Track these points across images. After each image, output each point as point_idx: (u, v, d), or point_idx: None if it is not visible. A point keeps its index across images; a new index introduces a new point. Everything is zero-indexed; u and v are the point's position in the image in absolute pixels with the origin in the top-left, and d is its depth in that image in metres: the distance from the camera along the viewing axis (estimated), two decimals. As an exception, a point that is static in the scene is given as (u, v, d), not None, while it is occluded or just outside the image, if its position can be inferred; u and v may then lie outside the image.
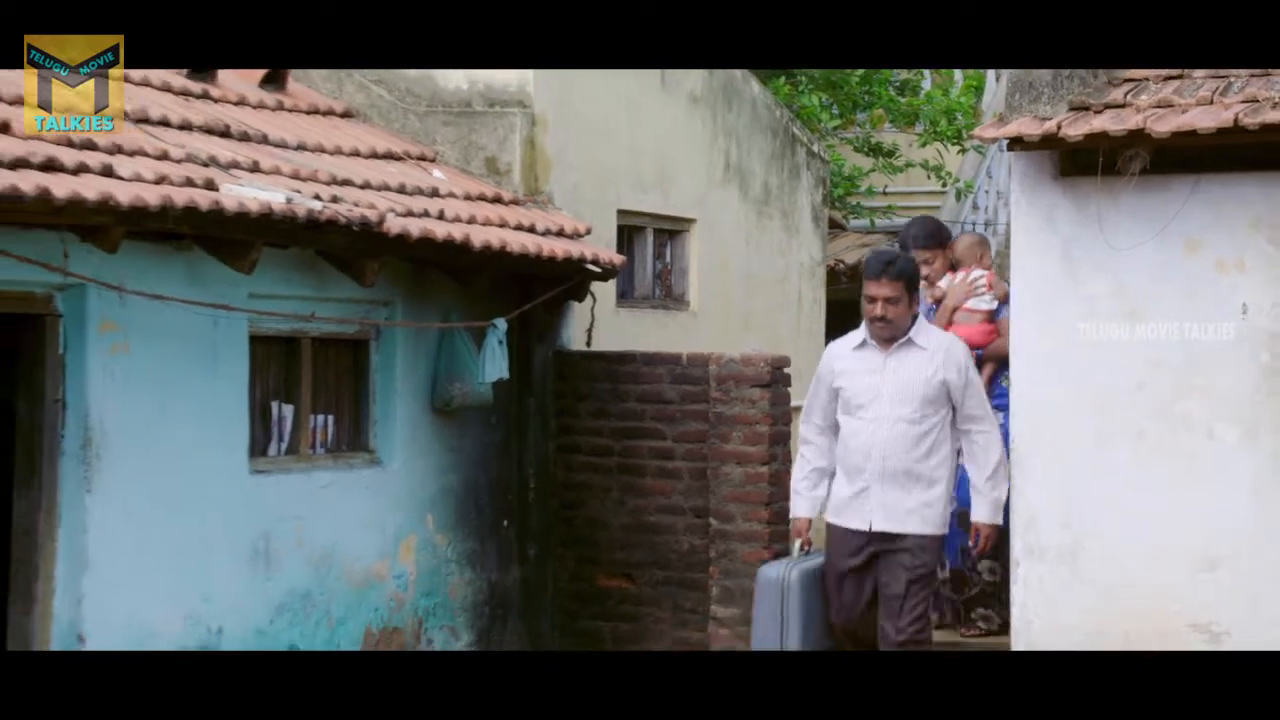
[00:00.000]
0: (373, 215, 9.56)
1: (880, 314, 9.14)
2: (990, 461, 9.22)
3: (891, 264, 9.21)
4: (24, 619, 8.90)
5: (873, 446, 9.18)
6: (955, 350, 9.28)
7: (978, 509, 9.28)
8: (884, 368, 9.23)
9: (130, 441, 9.06)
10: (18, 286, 8.61)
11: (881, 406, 9.19)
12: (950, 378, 9.15)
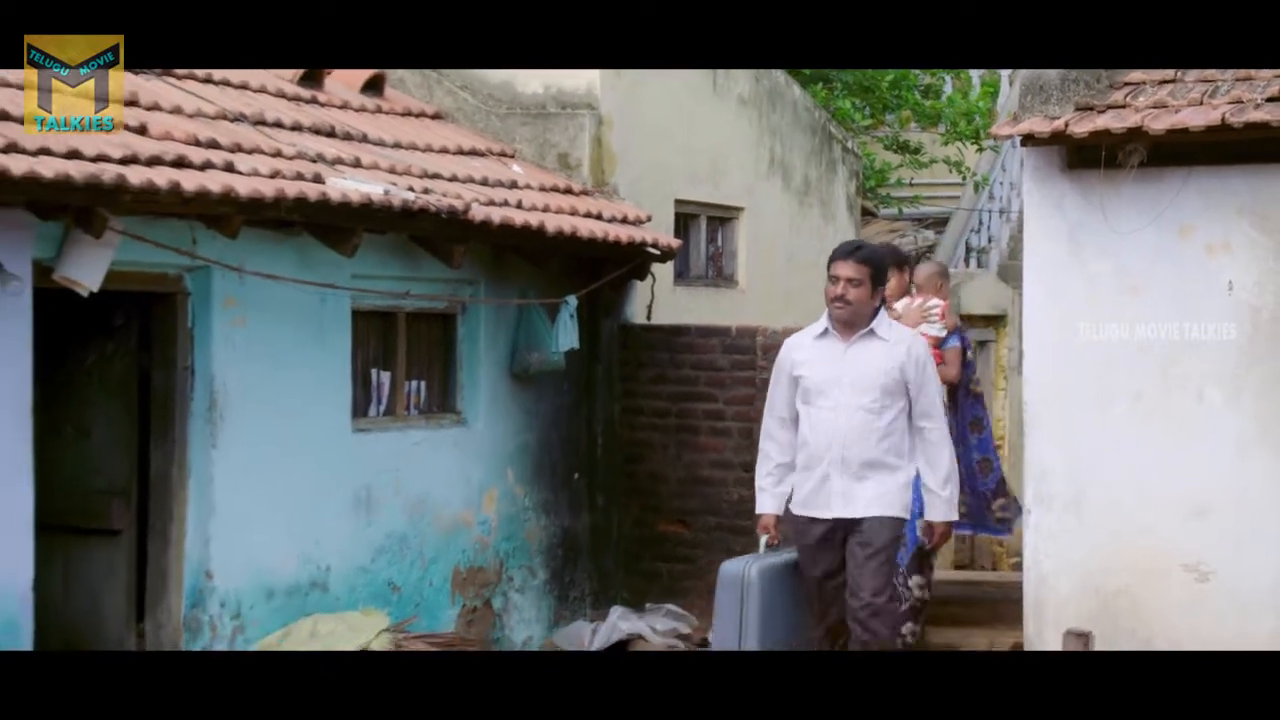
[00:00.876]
0: (459, 205, 9.64)
1: (840, 293, 8.32)
2: (942, 461, 8.43)
3: (859, 249, 8.56)
4: (161, 557, 9.03)
5: (833, 435, 8.36)
6: (916, 346, 8.51)
7: (933, 508, 8.46)
8: (844, 357, 8.40)
9: (249, 403, 9.14)
10: (153, 268, 8.73)
11: (841, 395, 8.37)
12: (909, 370, 8.36)
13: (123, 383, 9.22)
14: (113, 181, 7.71)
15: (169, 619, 9.02)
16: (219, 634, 9.03)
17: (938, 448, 8.42)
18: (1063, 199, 9.13)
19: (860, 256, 8.42)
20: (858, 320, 8.40)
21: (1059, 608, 9.06)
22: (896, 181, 19.73)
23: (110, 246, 8.14)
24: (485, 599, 10.73)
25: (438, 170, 10.31)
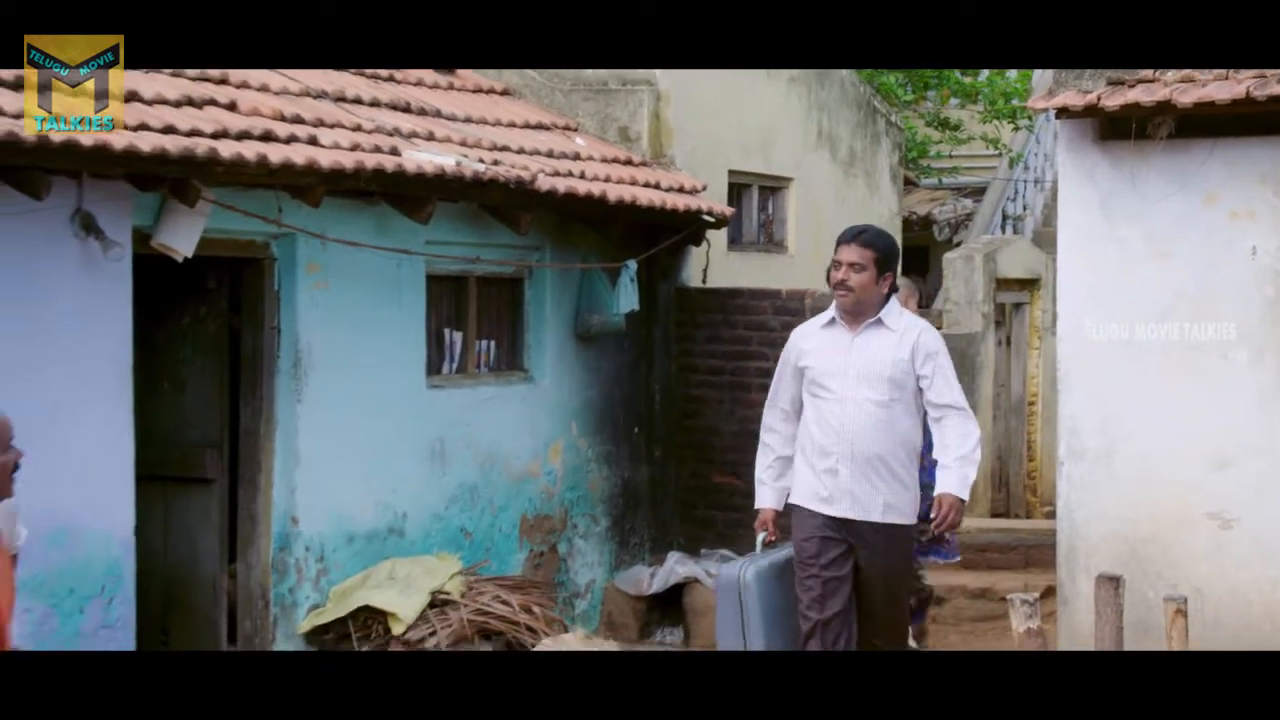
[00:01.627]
0: (526, 175, 9.67)
1: (842, 278, 7.41)
2: (959, 444, 7.44)
3: (863, 232, 7.57)
4: (251, 504, 9.14)
5: (841, 427, 7.44)
6: (927, 336, 7.54)
7: (945, 480, 7.41)
8: (851, 347, 7.48)
9: (331, 361, 9.22)
10: (242, 235, 8.81)
11: (847, 386, 7.45)
12: (919, 362, 7.44)
13: (214, 342, 9.30)
14: (205, 154, 7.78)
15: (258, 561, 9.12)
16: (304, 576, 9.13)
17: (955, 428, 7.45)
18: (1095, 169, 9.14)
19: (864, 240, 7.47)
20: (863, 308, 7.48)
21: (1089, 554, 9.10)
22: (936, 154, 19.70)
23: (203, 215, 8.22)
24: (551, 544, 10.81)
25: (506, 143, 10.36)
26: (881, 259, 7.46)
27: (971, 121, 19.61)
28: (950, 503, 7.36)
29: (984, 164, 20.24)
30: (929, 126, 19.50)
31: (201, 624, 9.23)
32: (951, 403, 7.48)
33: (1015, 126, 19.40)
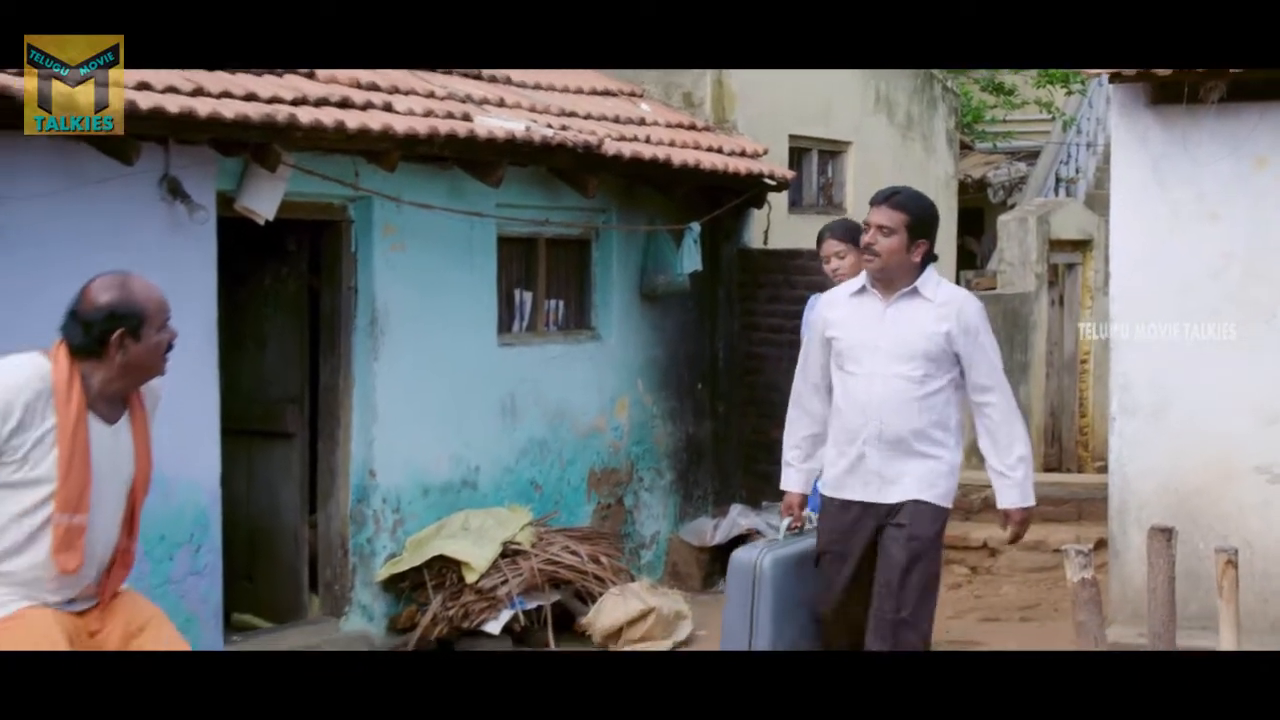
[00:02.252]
0: (593, 140, 9.69)
1: (869, 241, 6.52)
2: (1009, 439, 6.62)
3: (896, 194, 6.67)
4: (330, 458, 9.20)
5: (868, 405, 6.55)
6: (968, 308, 6.60)
7: (1004, 495, 6.65)
8: (883, 318, 6.58)
9: (406, 320, 9.26)
10: (321, 199, 8.85)
11: (877, 361, 6.56)
12: (958, 337, 6.52)
13: (295, 302, 9.34)
14: (285, 121, 7.82)
15: (337, 512, 9.19)
16: (382, 526, 9.20)
17: (1002, 423, 6.61)
18: (1147, 132, 9.07)
19: (895, 202, 6.57)
20: (894, 275, 6.56)
21: (1140, 507, 9.06)
22: (991, 119, 19.62)
23: (283, 179, 8.26)
24: (618, 497, 10.85)
25: (574, 109, 10.37)
26: (915, 224, 6.54)
27: (1025, 86, 19.51)
28: (1018, 518, 6.65)
29: (1037, 128, 20.13)
30: (984, 91, 19.42)
31: (284, 572, 9.30)
32: (995, 384, 6.61)
33: (1068, 91, 19.29)
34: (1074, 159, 18.81)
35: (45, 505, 4.79)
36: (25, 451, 4.76)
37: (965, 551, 11.42)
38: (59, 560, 4.79)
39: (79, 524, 4.79)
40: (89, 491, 4.81)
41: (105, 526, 4.93)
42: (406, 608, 9.26)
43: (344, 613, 9.15)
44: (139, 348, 4.90)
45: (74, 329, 4.86)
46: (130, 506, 4.99)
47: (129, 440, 4.99)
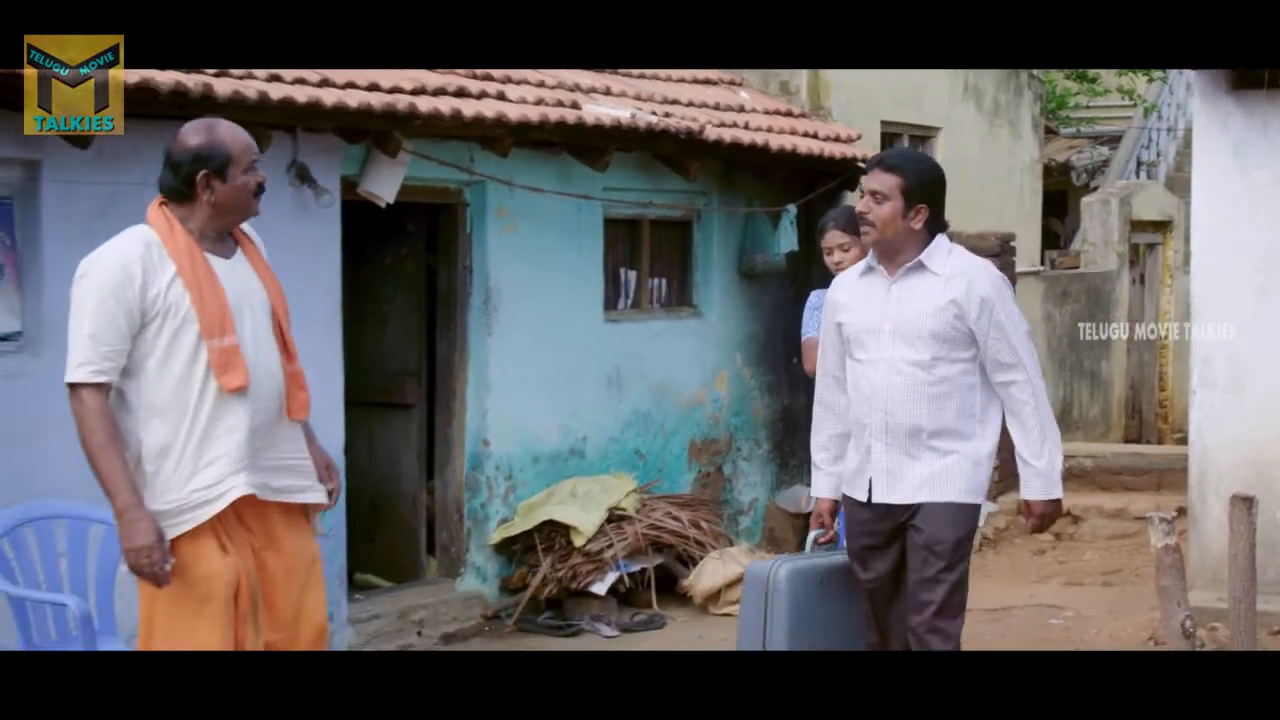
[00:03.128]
0: (695, 126, 9.68)
1: (862, 209, 5.57)
2: (1038, 425, 5.58)
3: (889, 155, 5.86)
4: (446, 428, 9.27)
5: (873, 395, 5.59)
6: (980, 278, 5.54)
7: (1027, 485, 5.64)
8: (887, 297, 5.61)
9: (517, 297, 9.31)
10: (438, 183, 8.91)
11: (883, 345, 5.58)
12: (970, 311, 5.49)
13: (413, 280, 9.42)
14: (405, 109, 7.90)
15: (453, 479, 9.27)
16: (495, 492, 9.27)
17: (1025, 405, 5.57)
18: (1228, 116, 8.97)
19: (888, 164, 5.63)
20: (895, 247, 5.58)
21: (1219, 478, 8.98)
22: (1075, 105, 19.46)
23: (403, 165, 8.33)
24: (717, 466, 10.87)
25: (676, 97, 10.37)
26: (911, 187, 5.54)
27: (1108, 73, 19.33)
28: (1040, 511, 5.65)
29: (1119, 114, 19.93)
30: (1068, 79, 19.26)
31: (403, 535, 9.39)
32: (1016, 362, 5.56)
33: (1149, 78, 19.09)
34: (1154, 143, 18.65)
35: (202, 350, 4.83)
36: (163, 300, 4.79)
37: (1049, 519, 11.38)
38: (224, 381, 4.80)
39: (230, 345, 4.81)
40: (228, 315, 4.83)
41: (260, 351, 4.93)
42: (518, 569, 9.33)
43: (459, 573, 9.23)
44: (225, 188, 4.90)
45: (165, 175, 4.91)
46: (279, 331, 5.01)
47: (250, 271, 5.00)
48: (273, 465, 4.96)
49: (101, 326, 4.76)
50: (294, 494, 5.03)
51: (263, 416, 4.91)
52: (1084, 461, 12.01)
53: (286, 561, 5.03)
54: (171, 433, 4.83)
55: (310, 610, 5.09)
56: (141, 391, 4.85)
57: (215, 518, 4.85)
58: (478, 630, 9.00)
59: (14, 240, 6.98)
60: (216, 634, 4.84)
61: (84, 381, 4.77)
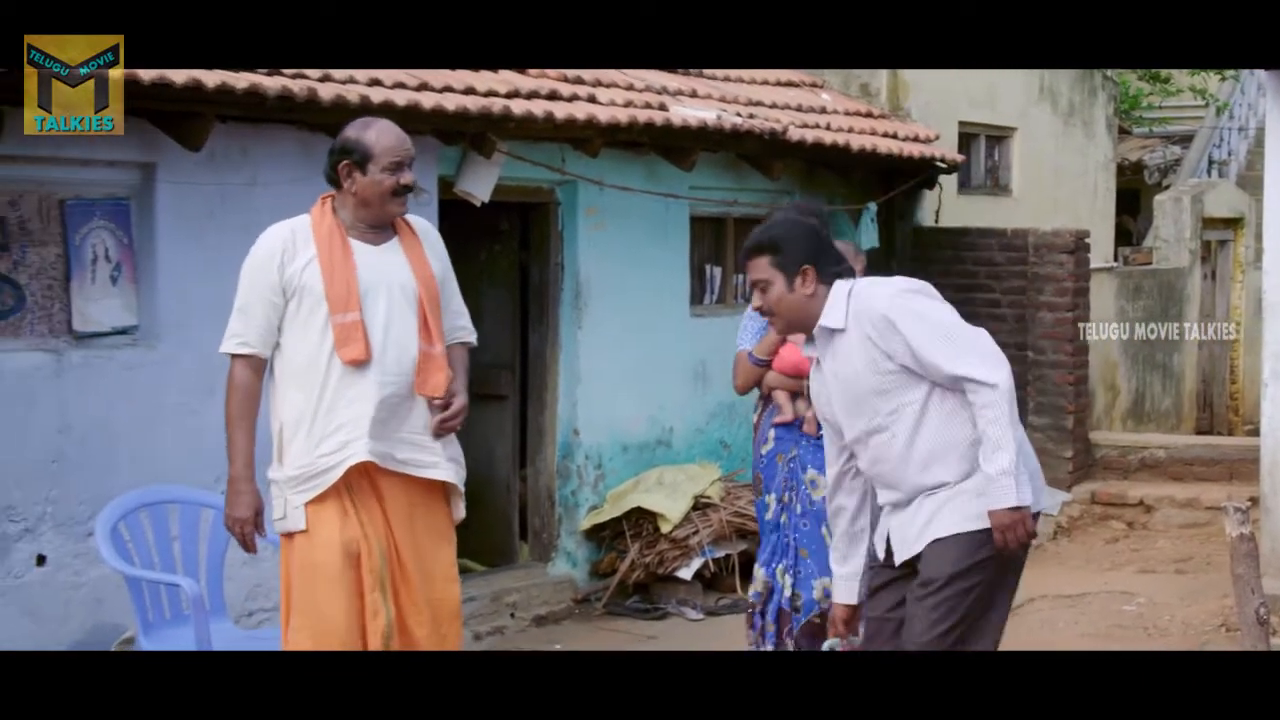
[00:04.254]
0: (779, 127, 9.66)
1: (758, 306, 4.90)
2: (981, 424, 4.66)
3: (750, 241, 4.92)
4: (539, 417, 9.30)
5: (868, 481, 4.97)
6: (874, 305, 4.72)
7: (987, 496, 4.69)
8: (824, 377, 4.90)
9: (607, 292, 9.32)
10: (531, 182, 8.93)
11: (846, 426, 4.86)
12: (879, 344, 4.71)
13: (507, 276, 9.45)
14: (500, 112, 7.92)
15: (545, 467, 9.29)
16: (585, 480, 9.29)
17: (973, 406, 4.68)
18: (1300, 115, 8.88)
19: (750, 250, 4.90)
20: (805, 324, 4.86)
21: (1291, 469, 8.90)
22: (1147, 105, 19.27)
23: (497, 165, 8.35)
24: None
25: (760, 99, 10.34)
26: (784, 259, 4.82)
27: (1180, 73, 19.12)
28: (1000, 522, 4.70)
29: (1191, 114, 19.70)
30: (1141, 80, 19.07)
31: (497, 520, 9.42)
32: (952, 370, 4.69)
33: (1222, 77, 18.87)
34: (1226, 142, 18.43)
35: (330, 328, 4.99)
36: (299, 279, 4.98)
37: (1123, 508, 11.31)
38: (342, 353, 4.95)
39: (353, 320, 4.95)
40: (355, 293, 4.96)
41: (392, 330, 5.02)
42: (607, 554, 9.34)
43: (551, 558, 9.25)
44: (364, 181, 5.04)
45: (325, 161, 5.13)
46: (422, 315, 5.09)
47: (400, 259, 5.11)
48: (400, 439, 5.05)
49: (249, 302, 5.03)
50: (418, 468, 5.12)
51: (391, 390, 5.02)
52: (1157, 452, 11.89)
53: (418, 538, 5.12)
54: (304, 402, 5.00)
55: (442, 589, 5.19)
56: (283, 364, 5.05)
57: (345, 486, 4.99)
58: (568, 613, 9.01)
59: (131, 239, 7.07)
60: (336, 597, 4.97)
61: (229, 351, 5.06)
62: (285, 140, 7.39)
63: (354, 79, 7.37)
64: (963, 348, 4.70)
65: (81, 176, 6.88)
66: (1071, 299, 11.23)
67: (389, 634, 5.01)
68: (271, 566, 6.43)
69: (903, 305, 4.74)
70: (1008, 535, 4.69)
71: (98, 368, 6.85)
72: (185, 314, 7.07)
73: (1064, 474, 11.35)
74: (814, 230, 4.94)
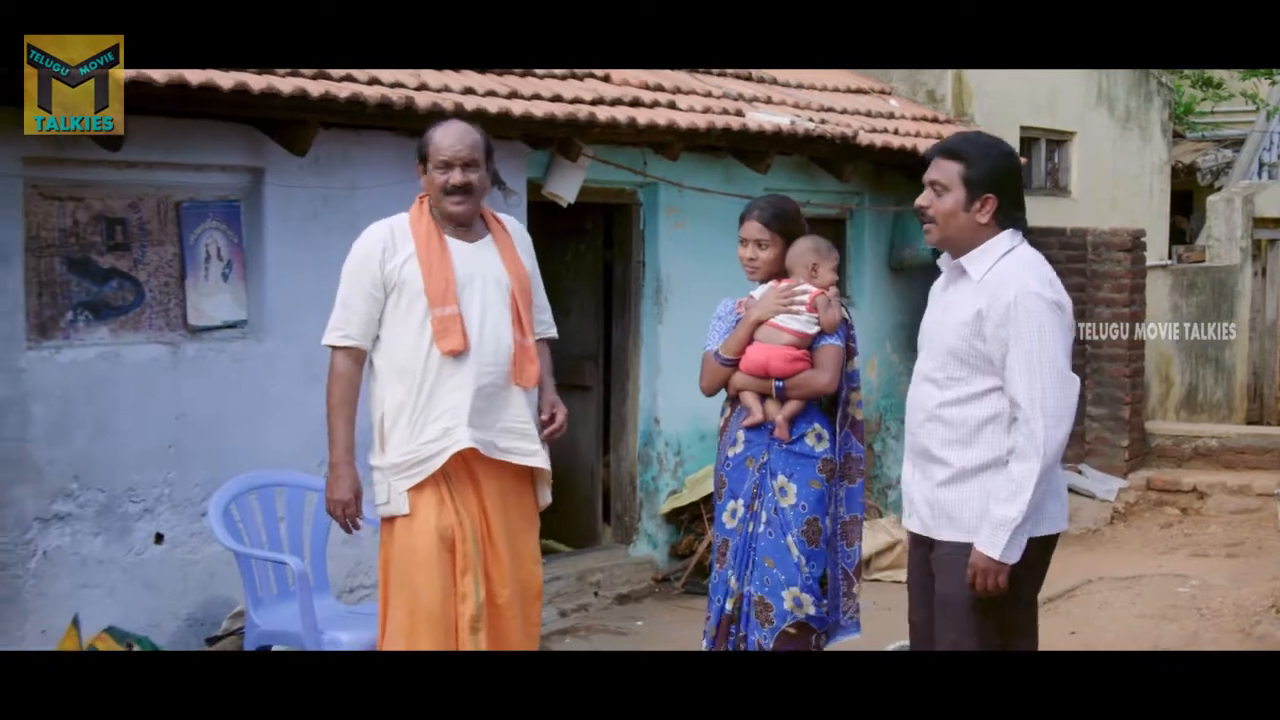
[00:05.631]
0: (849, 132, 9.62)
1: (922, 205, 4.54)
2: (1013, 469, 4.31)
3: (952, 141, 4.57)
4: (621, 407, 9.30)
5: (908, 410, 4.66)
6: (1007, 289, 4.30)
7: (981, 533, 4.35)
8: (936, 303, 4.62)
9: (686, 289, 9.27)
10: (615, 185, 8.92)
11: (922, 358, 4.58)
12: (985, 321, 4.32)
13: (592, 273, 9.45)
14: (585, 118, 7.91)
15: (627, 454, 9.28)
16: (664, 467, 9.27)
17: (1021, 443, 4.31)
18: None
19: (949, 150, 4.50)
20: (958, 245, 4.47)
21: (1341, 457, 8.78)
22: (1200, 111, 19.05)
23: (583, 168, 8.35)
24: (868, 444, 10.75)
25: (831, 105, 10.29)
26: (977, 176, 4.41)
27: (1232, 80, 18.90)
28: (980, 569, 4.35)
29: (1243, 118, 19.46)
30: (1194, 86, 18.86)
31: (582, 504, 9.43)
32: (1021, 400, 4.29)
33: (1273, 82, 18.63)
34: (1276, 145, 18.20)
35: (430, 318, 5.00)
36: (398, 274, 5.00)
37: (1176, 494, 11.20)
38: (440, 345, 4.97)
39: (450, 314, 4.97)
40: (452, 288, 4.98)
41: (487, 322, 5.04)
42: (685, 537, 9.32)
43: (632, 540, 9.25)
44: (425, 179, 5.10)
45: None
46: (515, 308, 5.11)
47: (493, 255, 5.13)
48: (501, 427, 5.08)
49: (350, 297, 5.05)
50: (518, 456, 5.14)
51: (488, 379, 5.03)
52: (1209, 442, 11.76)
53: (511, 522, 5.13)
54: (405, 393, 5.02)
55: (530, 569, 5.20)
56: (384, 356, 5.06)
57: (443, 474, 5.01)
58: (648, 592, 9.01)
59: (241, 239, 7.11)
60: (431, 581, 4.99)
61: (330, 344, 5.08)
62: (384, 146, 7.42)
63: (448, 87, 7.39)
64: (1043, 389, 4.28)
65: (196, 180, 6.93)
66: (1128, 295, 11.12)
67: (478, 616, 5.01)
68: (370, 546, 6.46)
69: (1032, 308, 4.30)
70: (980, 579, 4.35)
71: (210, 359, 6.91)
72: (291, 309, 7.12)
73: (1120, 462, 11.24)
74: (1018, 166, 4.54)
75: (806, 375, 5.73)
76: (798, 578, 5.62)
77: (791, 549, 5.64)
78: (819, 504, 5.68)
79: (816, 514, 5.67)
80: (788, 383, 5.74)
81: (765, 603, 5.65)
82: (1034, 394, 4.26)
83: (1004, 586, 4.34)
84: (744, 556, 5.72)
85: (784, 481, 5.71)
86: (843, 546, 5.79)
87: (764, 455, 5.75)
